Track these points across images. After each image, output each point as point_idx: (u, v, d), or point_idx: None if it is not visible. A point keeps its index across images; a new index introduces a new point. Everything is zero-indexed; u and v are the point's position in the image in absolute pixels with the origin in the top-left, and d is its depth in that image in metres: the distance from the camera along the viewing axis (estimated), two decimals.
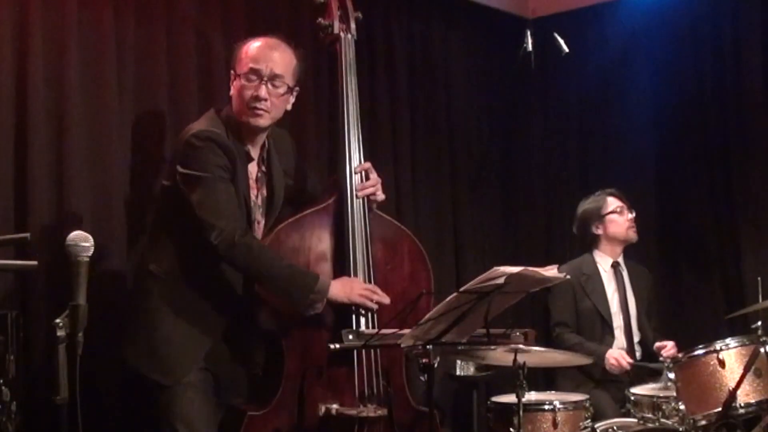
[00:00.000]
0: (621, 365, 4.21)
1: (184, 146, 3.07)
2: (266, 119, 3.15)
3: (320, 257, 3.24)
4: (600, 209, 4.57)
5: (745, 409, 3.54)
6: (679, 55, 5.21)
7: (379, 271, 3.28)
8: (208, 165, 3.02)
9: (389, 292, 3.24)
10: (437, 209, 5.03)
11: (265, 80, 3.12)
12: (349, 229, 3.24)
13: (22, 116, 3.33)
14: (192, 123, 3.19)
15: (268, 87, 3.12)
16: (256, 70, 3.12)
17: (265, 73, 3.12)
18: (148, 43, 3.73)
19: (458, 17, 5.27)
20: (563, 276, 2.90)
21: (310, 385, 3.15)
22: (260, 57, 3.14)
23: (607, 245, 4.58)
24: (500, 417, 3.74)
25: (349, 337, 3.14)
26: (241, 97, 3.13)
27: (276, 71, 3.13)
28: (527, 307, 4.88)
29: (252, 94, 3.11)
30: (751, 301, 4.06)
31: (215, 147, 3.04)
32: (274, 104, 3.15)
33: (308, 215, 3.25)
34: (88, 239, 2.35)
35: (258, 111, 3.12)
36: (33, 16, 3.35)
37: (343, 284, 3.14)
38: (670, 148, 5.24)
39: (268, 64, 3.13)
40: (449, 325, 2.76)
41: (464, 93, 5.29)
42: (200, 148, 3.03)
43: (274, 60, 3.15)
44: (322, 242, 3.25)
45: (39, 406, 2.97)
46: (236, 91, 3.16)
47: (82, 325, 2.30)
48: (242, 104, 3.13)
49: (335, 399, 3.17)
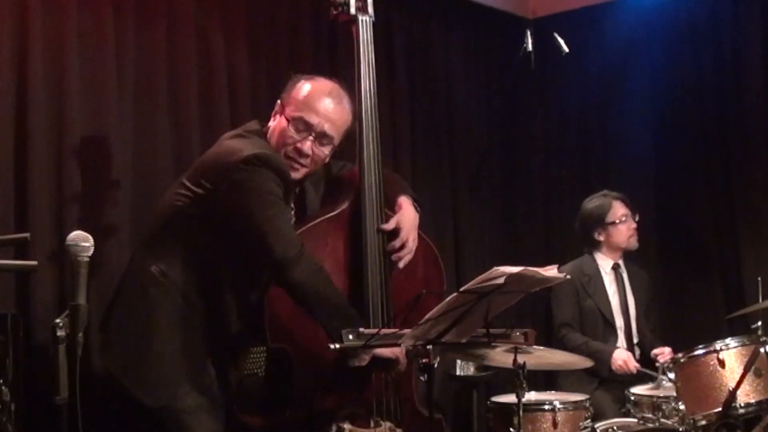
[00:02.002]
0: (628, 369, 4.22)
1: (240, 163, 2.81)
2: (301, 173, 2.99)
3: (334, 267, 3.05)
4: (604, 216, 4.53)
5: (745, 409, 3.54)
6: (679, 56, 5.21)
7: (393, 278, 3.14)
8: (271, 184, 2.82)
9: (403, 297, 3.08)
10: (437, 209, 5.03)
11: (314, 136, 2.93)
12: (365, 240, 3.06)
13: (22, 116, 3.32)
14: (237, 138, 2.96)
15: (315, 144, 2.94)
16: (307, 123, 2.92)
17: (317, 129, 2.93)
18: (148, 43, 3.73)
19: (458, 17, 5.27)
20: (563, 276, 2.89)
21: (320, 402, 3.03)
22: (318, 110, 2.93)
23: (607, 251, 4.58)
24: (500, 417, 3.74)
25: (349, 337, 3.12)
26: (282, 140, 2.93)
27: (329, 132, 2.95)
28: (528, 307, 4.89)
29: (296, 147, 2.93)
30: (751, 301, 4.06)
31: (277, 172, 2.84)
32: (315, 161, 2.98)
33: (323, 223, 3.07)
34: (88, 239, 2.35)
35: (296, 165, 2.94)
36: (33, 16, 3.35)
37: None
38: (669, 148, 5.25)
39: (323, 122, 2.93)
40: (449, 325, 2.75)
41: (464, 93, 5.29)
42: (261, 169, 2.81)
43: (331, 119, 2.95)
44: (337, 251, 3.08)
45: (39, 406, 2.96)
46: (279, 129, 2.96)
47: (82, 325, 2.30)
48: (281, 147, 2.93)
49: (347, 417, 3.03)
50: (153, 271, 2.89)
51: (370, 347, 3.08)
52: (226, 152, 2.91)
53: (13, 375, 2.70)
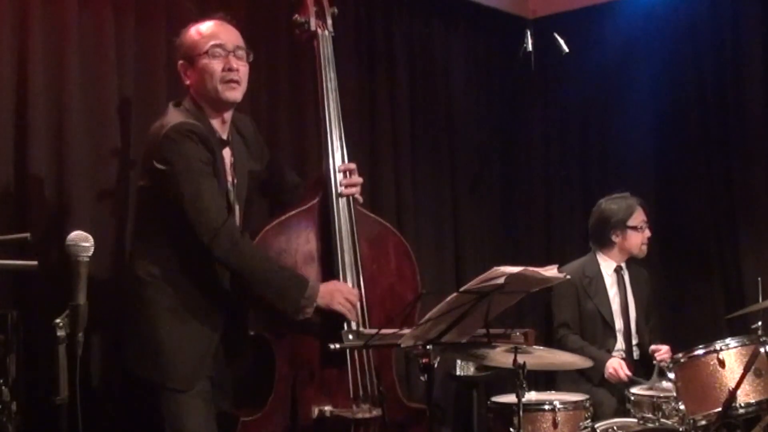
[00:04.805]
0: (618, 376, 4.22)
1: (162, 141, 2.98)
2: (239, 91, 3.12)
3: (307, 258, 3.22)
4: (627, 218, 4.49)
5: (745, 409, 3.54)
6: (679, 55, 5.21)
7: (366, 269, 3.27)
8: (190, 160, 2.97)
9: (376, 289, 3.26)
10: (437, 209, 5.03)
11: (231, 52, 3.10)
12: (335, 229, 3.24)
13: (22, 116, 3.33)
14: (158, 120, 3.11)
15: (235, 58, 3.11)
16: (219, 45, 3.10)
17: (228, 46, 3.10)
18: (148, 43, 3.73)
19: (458, 17, 5.27)
20: (563, 276, 2.90)
21: (302, 387, 3.14)
22: (218, 33, 3.12)
23: (617, 253, 4.56)
24: (500, 417, 3.74)
25: (349, 337, 3.14)
26: (209, 75, 3.07)
27: (237, 43, 3.14)
28: (528, 307, 4.88)
29: (224, 68, 3.07)
30: (751, 301, 4.06)
31: (196, 139, 2.99)
32: (243, 74, 3.13)
33: (294, 216, 3.23)
34: (88, 239, 2.36)
35: (232, 83, 3.08)
36: (33, 16, 3.35)
37: (327, 291, 3.10)
38: (670, 147, 5.24)
39: (228, 38, 3.12)
40: (449, 325, 2.75)
41: (464, 93, 5.29)
42: (180, 142, 2.96)
43: (232, 33, 3.15)
44: (309, 243, 3.24)
45: (39, 406, 2.96)
46: (199, 74, 3.10)
47: (82, 325, 2.31)
48: (212, 82, 3.07)
49: (329, 400, 3.16)
50: (140, 275, 3.04)
51: (370, 347, 3.09)
52: (153, 134, 3.06)
53: (13, 375, 2.70)
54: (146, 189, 3.10)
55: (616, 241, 4.54)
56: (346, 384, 3.18)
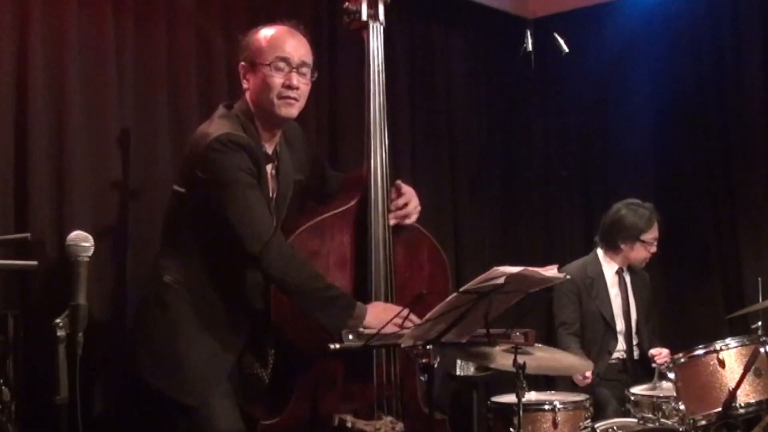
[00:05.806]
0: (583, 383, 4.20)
1: (207, 152, 2.89)
2: (296, 108, 3.03)
3: (340, 262, 3.11)
4: (641, 233, 4.47)
5: (745, 409, 3.55)
6: (679, 56, 5.21)
7: (398, 276, 3.16)
8: (238, 171, 2.88)
9: (407, 296, 3.07)
10: (437, 209, 5.03)
11: (295, 68, 3.00)
12: (371, 235, 3.11)
13: (22, 116, 3.32)
14: (205, 124, 3.04)
15: (298, 75, 3.00)
16: (284, 58, 2.98)
17: (294, 61, 2.99)
18: (148, 43, 3.73)
19: (458, 17, 5.27)
20: (563, 276, 2.90)
21: (323, 394, 3.05)
22: (285, 45, 3.00)
23: (620, 259, 4.56)
24: (500, 417, 3.74)
25: (349, 337, 3.12)
26: (268, 87, 2.97)
27: (303, 59, 3.02)
28: (528, 307, 4.87)
29: (284, 83, 2.97)
30: (751, 301, 4.06)
31: (242, 152, 2.90)
32: (303, 93, 3.03)
33: (329, 218, 3.12)
34: (88, 239, 2.36)
35: (290, 100, 2.99)
36: (33, 16, 3.35)
37: (377, 312, 2.96)
38: (669, 148, 5.25)
39: (295, 52, 3.01)
40: (449, 325, 2.75)
41: (464, 93, 5.29)
42: (226, 153, 2.87)
43: (301, 46, 3.04)
44: (343, 246, 3.11)
45: (39, 406, 2.96)
46: (259, 82, 2.99)
47: (82, 325, 2.31)
48: (269, 95, 2.97)
49: (350, 409, 3.05)
50: (166, 281, 2.99)
51: (370, 347, 3.09)
52: (196, 141, 2.98)
53: (13, 375, 2.71)
54: (183, 195, 3.01)
55: (623, 249, 4.53)
56: (370, 393, 3.08)
